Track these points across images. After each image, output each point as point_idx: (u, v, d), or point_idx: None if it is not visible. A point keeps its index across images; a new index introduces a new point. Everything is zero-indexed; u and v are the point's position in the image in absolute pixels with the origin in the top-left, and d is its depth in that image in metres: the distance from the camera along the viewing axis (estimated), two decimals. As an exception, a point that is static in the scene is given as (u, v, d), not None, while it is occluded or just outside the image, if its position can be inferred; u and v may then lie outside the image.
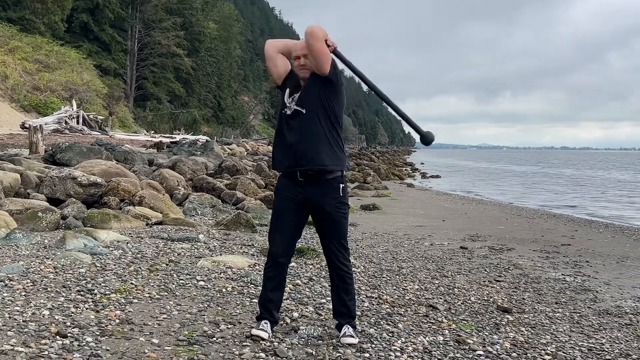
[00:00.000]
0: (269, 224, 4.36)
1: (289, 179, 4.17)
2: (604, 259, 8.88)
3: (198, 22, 72.33)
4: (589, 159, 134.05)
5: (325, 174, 4.11)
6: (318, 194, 4.12)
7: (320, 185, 4.11)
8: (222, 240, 8.23)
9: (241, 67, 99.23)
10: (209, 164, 17.27)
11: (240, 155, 26.04)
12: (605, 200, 25.35)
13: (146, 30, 63.55)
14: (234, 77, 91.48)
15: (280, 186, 4.27)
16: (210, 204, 11.91)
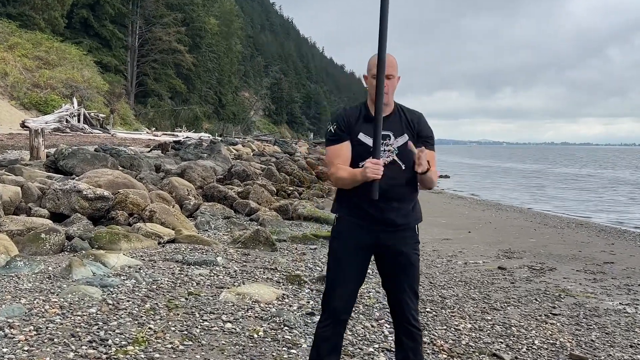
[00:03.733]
0: (327, 272, 3.64)
1: (361, 221, 3.50)
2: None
3: (199, 18, 71.66)
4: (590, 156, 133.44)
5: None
6: (395, 236, 3.48)
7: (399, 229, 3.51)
8: (242, 262, 7.53)
9: (242, 63, 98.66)
10: (217, 168, 16.56)
11: (246, 156, 25.30)
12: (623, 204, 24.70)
13: (147, 26, 62.82)
14: (235, 73, 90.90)
15: (343, 229, 3.56)
16: (223, 215, 11.23)
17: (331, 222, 11.62)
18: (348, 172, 3.39)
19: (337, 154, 3.46)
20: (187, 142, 26.15)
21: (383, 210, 3.44)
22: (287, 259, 8.01)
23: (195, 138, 38.24)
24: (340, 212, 3.58)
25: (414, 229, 3.56)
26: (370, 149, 3.44)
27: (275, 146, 38.96)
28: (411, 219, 3.53)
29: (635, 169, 64.79)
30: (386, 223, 3.46)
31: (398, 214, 3.45)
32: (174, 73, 66.03)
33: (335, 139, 3.48)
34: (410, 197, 3.53)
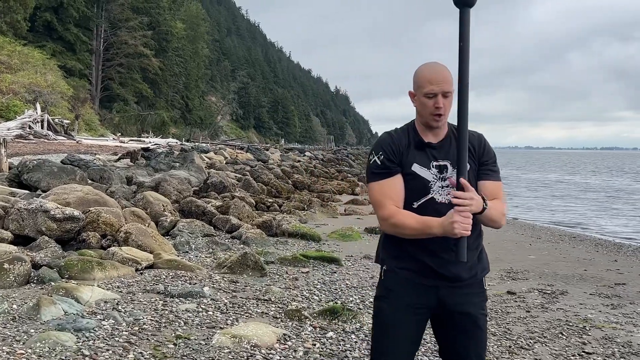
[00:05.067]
0: (372, 340, 2.92)
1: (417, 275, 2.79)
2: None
3: (165, 22, 70.50)
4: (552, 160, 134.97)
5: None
6: (459, 293, 2.79)
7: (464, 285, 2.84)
8: (231, 292, 6.77)
9: (208, 67, 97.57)
10: (192, 179, 15.74)
11: (220, 165, 24.45)
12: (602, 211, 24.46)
13: (112, 30, 61.43)
14: (202, 77, 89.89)
15: (393, 286, 2.84)
16: (203, 233, 10.46)
17: (317, 238, 10.89)
18: (418, 221, 2.66)
19: (387, 193, 2.73)
20: (157, 150, 25.22)
21: (445, 262, 2.75)
22: (280, 286, 7.27)
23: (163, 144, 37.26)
24: (388, 263, 2.86)
25: (482, 282, 2.87)
26: (429, 183, 2.75)
27: (248, 153, 38.08)
28: (478, 270, 2.84)
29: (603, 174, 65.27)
30: (449, 278, 2.76)
31: (463, 265, 2.76)
32: (140, 77, 64.70)
33: (383, 172, 2.75)
34: (475, 243, 2.84)
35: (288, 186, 20.48)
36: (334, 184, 24.87)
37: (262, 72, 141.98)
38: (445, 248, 2.71)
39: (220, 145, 46.26)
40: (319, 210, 15.29)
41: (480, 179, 2.80)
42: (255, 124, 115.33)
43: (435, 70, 2.72)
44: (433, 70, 2.72)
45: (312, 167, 35.11)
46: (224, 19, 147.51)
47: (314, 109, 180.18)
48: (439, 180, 2.75)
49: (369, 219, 14.77)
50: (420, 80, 2.73)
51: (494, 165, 2.86)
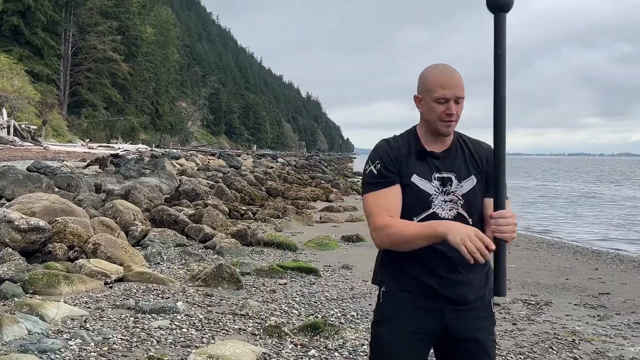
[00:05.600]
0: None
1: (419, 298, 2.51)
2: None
3: (135, 27, 69.76)
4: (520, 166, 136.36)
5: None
6: (465, 317, 2.51)
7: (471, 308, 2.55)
8: (206, 307, 6.45)
9: (179, 73, 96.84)
10: (163, 186, 15.34)
11: (191, 171, 24.02)
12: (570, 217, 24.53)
13: (81, 35, 60.52)
14: (172, 83, 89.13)
15: (392, 310, 2.56)
16: (175, 242, 10.12)
17: (293, 247, 10.55)
18: (417, 225, 2.39)
19: (382, 203, 2.44)
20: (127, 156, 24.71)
21: (449, 283, 2.48)
22: (257, 299, 6.97)
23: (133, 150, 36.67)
24: (387, 284, 2.58)
25: (489, 305, 2.61)
26: (430, 196, 2.48)
27: (220, 160, 37.60)
28: (486, 292, 2.57)
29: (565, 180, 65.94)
30: (454, 300, 2.49)
31: (469, 287, 2.49)
32: (109, 82, 63.81)
33: (379, 182, 2.47)
34: (482, 264, 2.57)
35: (262, 193, 20.16)
36: (307, 190, 24.57)
37: (233, 77, 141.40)
38: (450, 267, 2.46)
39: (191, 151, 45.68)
40: (294, 218, 14.99)
41: (487, 196, 2.54)
42: (226, 130, 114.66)
43: (447, 74, 2.46)
44: (445, 74, 2.46)
45: (285, 174, 34.80)
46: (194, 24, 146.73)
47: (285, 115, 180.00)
48: (441, 194, 2.48)
49: (346, 227, 14.52)
50: (430, 84, 2.46)
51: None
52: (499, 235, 2.27)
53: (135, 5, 71.55)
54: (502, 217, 2.27)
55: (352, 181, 40.82)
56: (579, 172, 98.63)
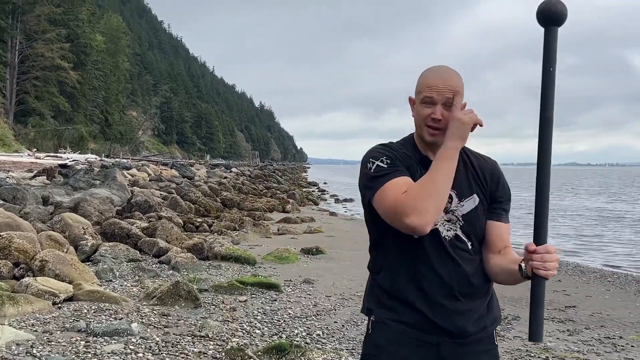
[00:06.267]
0: None
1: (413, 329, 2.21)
2: (632, 328, 7.36)
3: (84, 34, 68.40)
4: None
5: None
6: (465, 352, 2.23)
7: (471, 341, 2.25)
8: (162, 328, 6.05)
9: (129, 81, 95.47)
10: (114, 198, 14.80)
11: (143, 182, 23.39)
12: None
13: (28, 42, 58.93)
14: (122, 92, 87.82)
15: (383, 341, 2.25)
16: (127, 257, 9.67)
17: (252, 261, 10.16)
18: (432, 168, 2.14)
19: (404, 187, 2.09)
20: (76, 166, 23.94)
21: (447, 313, 2.19)
22: (217, 318, 6.60)
23: (82, 160, 35.71)
24: (378, 313, 2.27)
25: (492, 336, 2.32)
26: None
27: (173, 170, 36.88)
28: (487, 322, 2.28)
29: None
30: (452, 332, 2.20)
31: (469, 317, 2.21)
32: (57, 91, 62.27)
33: (391, 172, 2.15)
34: (483, 289, 2.29)
35: (217, 204, 19.73)
36: (263, 201, 24.20)
37: (185, 86, 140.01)
38: (449, 294, 2.17)
39: (142, 161, 44.79)
40: (252, 230, 14.62)
41: (490, 219, 2.27)
42: (178, 139, 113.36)
43: (439, 74, 2.18)
44: (436, 74, 2.19)
45: (239, 184, 34.34)
46: (145, 32, 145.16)
47: (238, 124, 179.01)
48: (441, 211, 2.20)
49: (304, 239, 14.23)
50: (420, 84, 2.20)
51: (507, 203, 2.34)
52: (543, 273, 1.97)
53: (84, 13, 70.25)
54: (548, 252, 1.97)
55: (308, 191, 40.65)
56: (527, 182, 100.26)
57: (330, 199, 39.24)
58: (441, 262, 2.16)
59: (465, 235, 2.21)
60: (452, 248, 2.17)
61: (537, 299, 1.99)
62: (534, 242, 1.99)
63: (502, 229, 2.29)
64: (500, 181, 2.33)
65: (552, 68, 1.97)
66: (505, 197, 2.32)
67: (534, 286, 1.99)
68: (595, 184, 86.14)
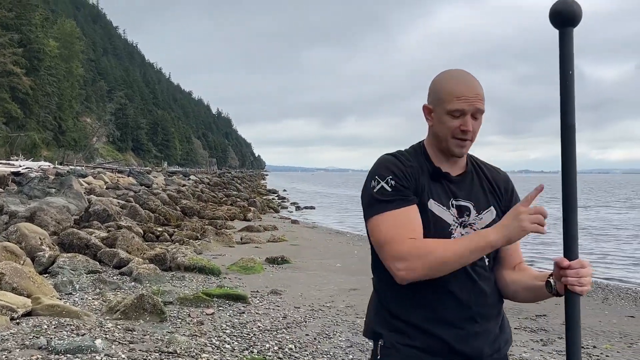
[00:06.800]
0: None
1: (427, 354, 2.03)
2: (604, 337, 7.34)
3: (37, 39, 67.07)
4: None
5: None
6: None
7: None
8: (128, 344, 5.77)
9: (83, 87, 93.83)
10: (70, 206, 14.35)
11: (100, 190, 22.85)
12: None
13: (-22, 47, 57.49)
14: (76, 98, 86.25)
15: None
16: (87, 269, 9.31)
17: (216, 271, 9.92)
18: (457, 242, 1.93)
19: (404, 224, 1.94)
20: (30, 174, 23.26)
21: (465, 336, 2.02)
22: (184, 333, 6.34)
23: (35, 167, 34.82)
24: (388, 337, 2.08)
25: (506, 358, 2.17)
26: (449, 227, 2.03)
27: (130, 177, 36.20)
28: (502, 343, 2.13)
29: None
30: (469, 355, 2.04)
31: (485, 339, 2.05)
32: (8, 97, 60.77)
33: (395, 199, 1.98)
34: (497, 309, 2.14)
35: (177, 213, 19.37)
36: (224, 209, 23.88)
37: (141, 92, 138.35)
38: (466, 315, 2.01)
39: (97, 168, 43.93)
40: (214, 239, 14.32)
41: None
42: (133, 146, 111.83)
43: (465, 82, 2.02)
44: (462, 82, 2.02)
45: (199, 192, 33.90)
46: (100, 38, 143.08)
47: (195, 131, 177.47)
48: (459, 226, 2.04)
49: (268, 248, 14.03)
50: (444, 93, 2.02)
51: None
52: (579, 289, 1.80)
53: (37, 18, 68.99)
54: (583, 267, 1.81)
55: (268, 199, 40.39)
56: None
57: (291, 206, 39.09)
58: (459, 283, 2.00)
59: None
60: (470, 266, 2.02)
61: (574, 317, 1.84)
62: (565, 256, 1.84)
63: (517, 243, 2.16)
64: (514, 193, 2.20)
65: (571, 71, 1.83)
66: None
67: (570, 304, 1.83)
68: (549, 192, 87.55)
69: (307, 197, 54.29)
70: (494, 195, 2.13)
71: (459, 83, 2.00)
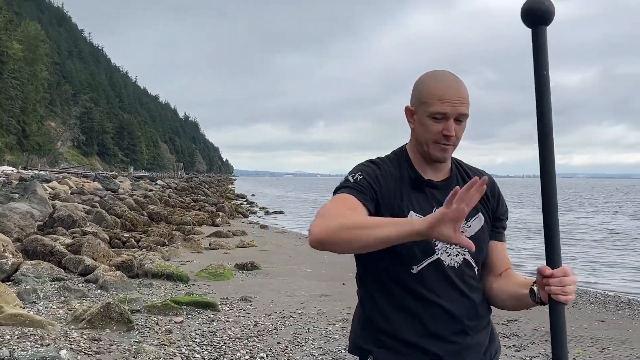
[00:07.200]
0: None
1: None
2: (575, 342, 7.34)
3: (0, 42, 66.03)
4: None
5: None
6: None
7: None
8: (94, 355, 5.61)
9: (48, 91, 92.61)
10: (34, 212, 14.04)
11: (65, 195, 22.43)
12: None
13: (-61, 49, 56.43)
14: (40, 101, 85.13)
15: None
16: (51, 277, 9.08)
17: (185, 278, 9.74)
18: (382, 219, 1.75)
19: (344, 201, 1.84)
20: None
21: (458, 350, 1.95)
22: (152, 342, 6.18)
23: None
24: (377, 355, 1.98)
25: None
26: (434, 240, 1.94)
27: (96, 182, 35.66)
28: (492, 353, 2.07)
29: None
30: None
31: (477, 350, 1.99)
32: (-29, 100, 59.89)
33: (353, 188, 1.89)
34: (487, 319, 2.08)
35: (144, 218, 19.11)
36: (192, 214, 23.65)
37: (107, 96, 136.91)
38: (458, 328, 1.94)
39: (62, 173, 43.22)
40: (182, 245, 14.11)
41: (492, 239, 2.06)
42: (99, 151, 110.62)
43: (449, 84, 1.93)
44: (447, 84, 1.92)
45: (166, 197, 33.54)
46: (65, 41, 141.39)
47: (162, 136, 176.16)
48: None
49: (238, 254, 13.86)
50: (427, 95, 1.93)
51: (506, 221, 2.15)
52: (563, 298, 1.72)
53: (1, 20, 68.05)
54: (566, 275, 1.72)
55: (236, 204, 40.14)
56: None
57: (260, 211, 38.87)
58: (448, 296, 1.93)
59: (474, 260, 1.99)
60: (459, 277, 1.95)
61: (559, 327, 1.76)
62: (547, 264, 1.76)
63: (503, 249, 2.11)
64: (500, 197, 2.13)
65: (545, 71, 1.75)
66: (506, 214, 2.14)
67: (554, 313, 1.76)
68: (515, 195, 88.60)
69: (276, 202, 54.10)
70: (481, 201, 2.05)
71: (442, 85, 1.92)
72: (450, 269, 1.94)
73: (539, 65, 1.74)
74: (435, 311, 1.92)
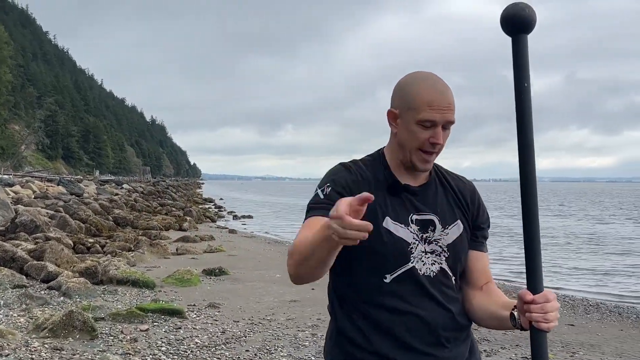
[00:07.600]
0: None
1: None
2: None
3: (-38, 43, 64.75)
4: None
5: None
6: None
7: None
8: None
9: (11, 93, 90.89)
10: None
11: (28, 199, 21.99)
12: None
13: None
14: (3, 104, 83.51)
15: None
16: (12, 283, 8.86)
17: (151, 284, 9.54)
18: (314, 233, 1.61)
19: (313, 226, 1.68)
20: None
21: (429, 359, 1.86)
22: (117, 351, 6.02)
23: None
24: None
25: None
26: (408, 246, 1.85)
27: (60, 186, 35.04)
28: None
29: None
30: None
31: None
32: None
33: (322, 206, 1.78)
34: (466, 331, 1.99)
35: (109, 223, 18.81)
36: (159, 219, 23.31)
37: (72, 99, 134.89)
38: (434, 340, 1.85)
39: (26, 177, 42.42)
40: (148, 250, 13.87)
41: (472, 248, 1.97)
42: (63, 154, 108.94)
43: (439, 90, 1.83)
44: (435, 89, 1.82)
45: (132, 201, 33.14)
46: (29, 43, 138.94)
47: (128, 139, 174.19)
48: (421, 242, 1.86)
49: (205, 259, 13.68)
50: (414, 99, 1.82)
51: (488, 230, 2.05)
52: (545, 326, 1.63)
53: (-37, 21, 66.68)
54: (548, 301, 1.63)
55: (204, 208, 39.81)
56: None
57: (228, 215, 38.55)
58: (424, 306, 1.83)
59: (451, 269, 1.89)
60: (435, 286, 1.85)
61: (540, 355, 1.66)
62: (528, 289, 1.66)
63: (484, 260, 2.00)
64: (480, 204, 2.03)
65: (526, 83, 1.64)
66: (486, 223, 2.04)
67: (536, 341, 1.66)
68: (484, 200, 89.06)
69: (244, 206, 53.77)
70: (460, 208, 1.96)
71: (431, 90, 1.82)
72: (426, 278, 1.85)
73: (520, 75, 1.63)
74: (409, 322, 1.82)
